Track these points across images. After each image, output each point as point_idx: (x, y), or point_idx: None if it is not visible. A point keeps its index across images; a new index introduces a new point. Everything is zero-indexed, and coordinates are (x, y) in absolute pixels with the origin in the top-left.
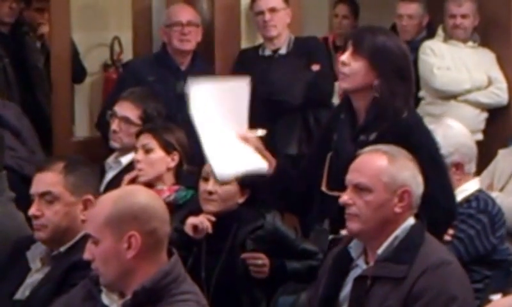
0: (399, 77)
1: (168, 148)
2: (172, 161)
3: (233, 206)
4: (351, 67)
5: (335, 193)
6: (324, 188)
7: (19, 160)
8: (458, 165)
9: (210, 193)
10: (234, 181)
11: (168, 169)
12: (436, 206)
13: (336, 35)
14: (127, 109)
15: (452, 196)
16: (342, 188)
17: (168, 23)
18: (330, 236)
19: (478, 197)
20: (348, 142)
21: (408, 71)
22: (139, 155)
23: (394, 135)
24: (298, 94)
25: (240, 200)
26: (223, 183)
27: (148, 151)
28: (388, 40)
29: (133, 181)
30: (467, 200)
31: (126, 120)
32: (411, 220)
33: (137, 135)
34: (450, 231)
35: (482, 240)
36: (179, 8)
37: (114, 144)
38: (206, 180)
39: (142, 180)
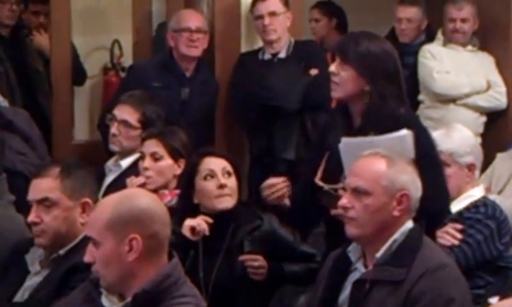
0: (387, 79)
1: (175, 155)
2: (178, 168)
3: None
4: (340, 76)
5: (327, 185)
6: (317, 180)
7: (29, 166)
8: (471, 167)
9: (222, 186)
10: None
11: (174, 176)
12: (427, 205)
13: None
14: (126, 113)
15: (445, 197)
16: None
17: (176, 28)
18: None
19: (486, 203)
20: None
21: (395, 71)
22: (148, 163)
23: (393, 131)
24: (295, 100)
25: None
26: None
27: (157, 159)
28: (371, 45)
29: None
30: (475, 205)
31: (125, 123)
32: (409, 224)
33: (143, 140)
34: (459, 236)
35: (489, 245)
36: (188, 14)
37: (114, 147)
38: (212, 177)
39: (149, 188)
